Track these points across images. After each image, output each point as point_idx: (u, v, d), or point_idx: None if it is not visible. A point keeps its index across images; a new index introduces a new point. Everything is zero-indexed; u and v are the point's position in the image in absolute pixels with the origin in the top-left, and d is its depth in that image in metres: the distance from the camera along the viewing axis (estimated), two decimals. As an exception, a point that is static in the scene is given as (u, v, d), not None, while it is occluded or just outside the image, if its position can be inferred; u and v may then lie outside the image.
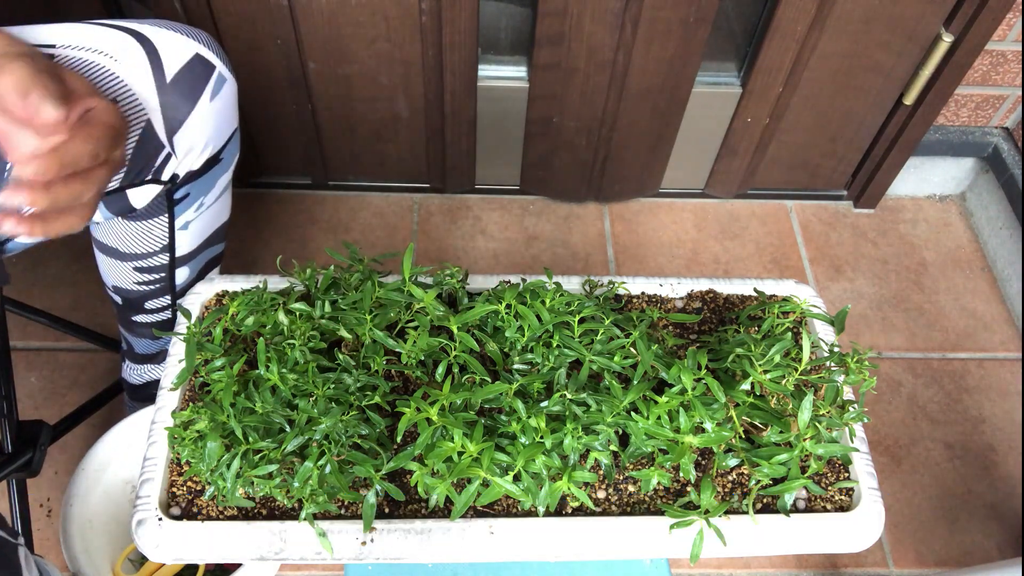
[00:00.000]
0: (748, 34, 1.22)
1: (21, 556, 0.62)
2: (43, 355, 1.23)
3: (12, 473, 0.87)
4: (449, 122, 1.28)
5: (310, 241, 1.39)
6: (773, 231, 1.46)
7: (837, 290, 1.40)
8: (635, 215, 1.46)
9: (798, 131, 1.34)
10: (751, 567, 1.13)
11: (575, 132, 1.29)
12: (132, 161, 0.72)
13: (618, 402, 0.61)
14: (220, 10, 1.09)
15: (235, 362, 0.63)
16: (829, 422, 0.63)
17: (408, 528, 0.62)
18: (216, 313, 0.67)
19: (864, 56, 1.21)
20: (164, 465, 0.64)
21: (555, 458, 0.61)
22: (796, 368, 0.64)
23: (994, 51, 1.26)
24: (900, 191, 1.53)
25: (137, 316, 0.97)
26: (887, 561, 1.14)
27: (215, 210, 0.88)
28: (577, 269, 1.38)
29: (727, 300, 0.78)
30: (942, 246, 1.47)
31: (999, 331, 1.36)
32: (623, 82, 1.20)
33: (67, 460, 1.13)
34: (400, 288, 0.67)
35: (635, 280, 0.78)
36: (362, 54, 1.16)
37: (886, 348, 1.33)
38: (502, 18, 1.22)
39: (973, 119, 1.40)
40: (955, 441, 1.24)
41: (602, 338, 0.66)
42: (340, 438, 0.60)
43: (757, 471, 0.63)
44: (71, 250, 1.32)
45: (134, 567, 0.96)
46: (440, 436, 0.60)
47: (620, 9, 1.09)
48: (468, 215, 1.44)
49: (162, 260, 0.88)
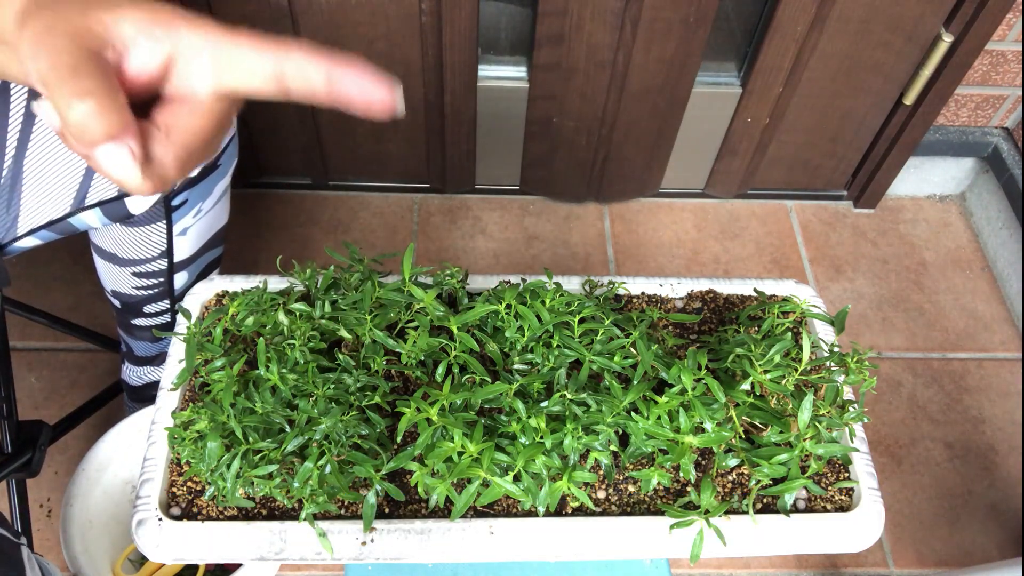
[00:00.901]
0: (748, 34, 1.22)
1: (24, 555, 0.62)
2: (43, 355, 1.23)
3: (12, 473, 0.87)
4: (449, 122, 1.28)
5: (310, 241, 1.39)
6: (773, 231, 1.46)
7: (837, 290, 1.40)
8: (635, 215, 1.46)
9: (798, 131, 1.34)
10: (751, 567, 1.13)
11: (575, 132, 1.29)
12: None
13: (618, 402, 0.61)
14: (220, 10, 1.09)
15: (235, 362, 0.63)
16: (829, 422, 0.63)
17: (408, 528, 0.62)
18: (216, 313, 0.67)
19: (864, 56, 1.21)
20: (164, 465, 0.64)
21: (555, 458, 0.61)
22: (796, 368, 0.64)
23: (994, 51, 1.26)
24: (900, 191, 1.53)
25: (136, 320, 0.97)
26: (887, 561, 1.14)
27: (213, 215, 0.88)
28: (577, 269, 1.38)
29: (727, 300, 0.78)
30: (942, 246, 1.47)
31: (999, 331, 1.36)
32: (623, 82, 1.20)
33: (67, 460, 1.13)
34: (400, 288, 0.66)
35: (635, 280, 0.78)
36: (362, 54, 1.16)
37: (886, 348, 1.33)
38: (502, 18, 1.22)
39: (973, 119, 1.40)
40: (955, 441, 1.24)
41: (602, 338, 0.66)
42: (340, 438, 0.60)
43: (757, 471, 0.63)
44: (71, 250, 1.32)
45: (134, 567, 0.96)
46: (440, 436, 0.60)
47: (620, 9, 1.09)
48: (468, 215, 1.44)
49: (160, 265, 0.88)
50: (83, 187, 0.71)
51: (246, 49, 0.39)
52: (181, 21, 0.40)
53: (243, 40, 0.40)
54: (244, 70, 0.40)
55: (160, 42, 0.39)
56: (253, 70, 0.40)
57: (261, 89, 0.40)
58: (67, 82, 0.36)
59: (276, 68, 0.39)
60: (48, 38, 0.37)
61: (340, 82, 0.39)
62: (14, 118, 0.66)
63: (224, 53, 0.40)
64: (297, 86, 0.39)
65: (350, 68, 0.39)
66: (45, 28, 0.38)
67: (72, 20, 0.38)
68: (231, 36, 0.40)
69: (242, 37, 0.40)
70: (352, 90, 0.39)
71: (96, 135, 0.36)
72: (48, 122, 0.37)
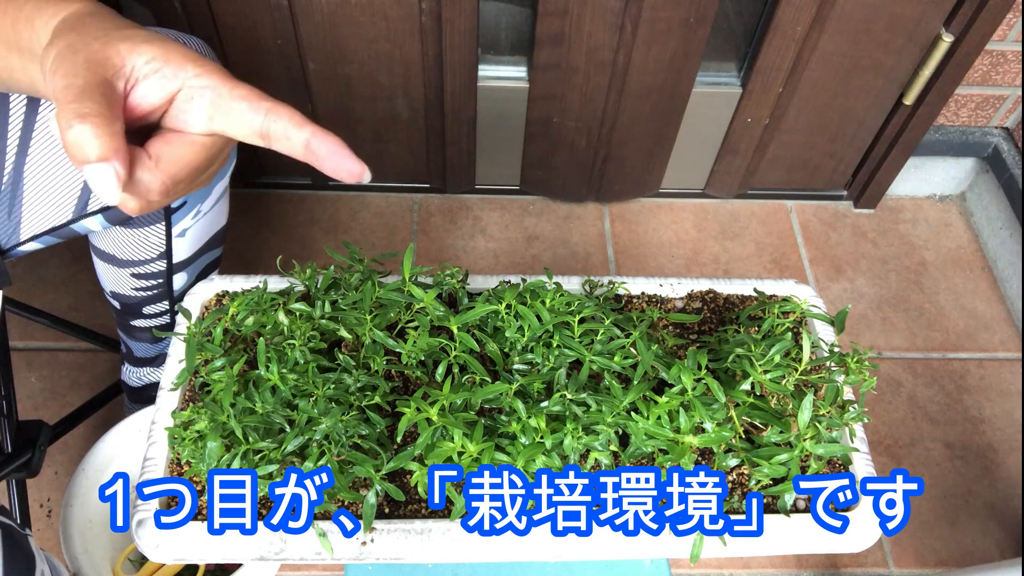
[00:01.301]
0: (748, 34, 1.22)
1: (33, 546, 0.63)
2: (43, 355, 1.23)
3: (12, 473, 0.87)
4: (449, 122, 1.28)
5: (310, 241, 1.39)
6: (773, 231, 1.46)
7: (837, 290, 1.40)
8: (635, 215, 1.46)
9: (798, 131, 1.34)
10: (751, 567, 1.13)
11: (575, 132, 1.29)
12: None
13: (618, 402, 0.61)
14: (220, 10, 1.09)
15: (235, 362, 0.63)
16: (829, 422, 0.63)
17: (408, 528, 0.62)
18: (216, 313, 0.67)
19: (864, 56, 1.21)
20: (164, 465, 0.64)
21: (555, 458, 0.61)
22: (796, 368, 0.64)
23: (994, 51, 1.26)
24: (900, 191, 1.53)
25: (135, 321, 0.97)
26: (887, 561, 1.14)
27: (212, 216, 0.88)
28: (577, 269, 1.38)
29: (727, 300, 0.78)
30: (942, 246, 1.47)
31: (999, 331, 1.36)
32: (623, 82, 1.20)
33: (67, 460, 1.13)
34: (400, 288, 0.66)
35: (635, 280, 0.78)
36: (362, 54, 1.16)
37: (886, 348, 1.33)
38: (502, 18, 1.22)
39: (973, 119, 1.40)
40: (955, 441, 1.24)
41: (602, 338, 0.66)
42: (340, 438, 0.60)
43: (757, 471, 0.63)
44: (71, 251, 1.32)
45: (134, 567, 0.96)
46: (440, 436, 0.60)
47: (620, 9, 1.09)
48: (468, 215, 1.44)
49: (159, 267, 0.88)
50: (85, 193, 0.71)
51: (241, 102, 0.44)
52: (191, 64, 0.44)
53: (241, 93, 0.44)
54: (235, 120, 0.44)
55: (168, 80, 0.43)
56: (243, 121, 0.44)
57: (247, 138, 0.45)
58: (73, 102, 0.39)
59: (263, 126, 0.44)
60: (68, 58, 0.41)
61: (316, 151, 0.44)
62: (13, 125, 0.66)
63: (222, 101, 0.44)
64: (279, 144, 0.44)
65: (327, 140, 0.44)
66: (68, 48, 0.42)
67: (93, 46, 0.42)
68: (231, 86, 0.44)
69: (241, 89, 0.44)
70: (325, 159, 0.44)
71: (87, 155, 0.39)
72: (57, 133, 0.40)
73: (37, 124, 0.67)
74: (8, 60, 0.48)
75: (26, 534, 0.63)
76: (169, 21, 1.10)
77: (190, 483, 0.61)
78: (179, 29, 0.79)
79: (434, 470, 0.58)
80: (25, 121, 0.67)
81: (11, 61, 0.48)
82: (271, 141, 0.44)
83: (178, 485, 0.61)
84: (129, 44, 0.43)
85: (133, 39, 0.43)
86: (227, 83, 0.44)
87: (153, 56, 0.43)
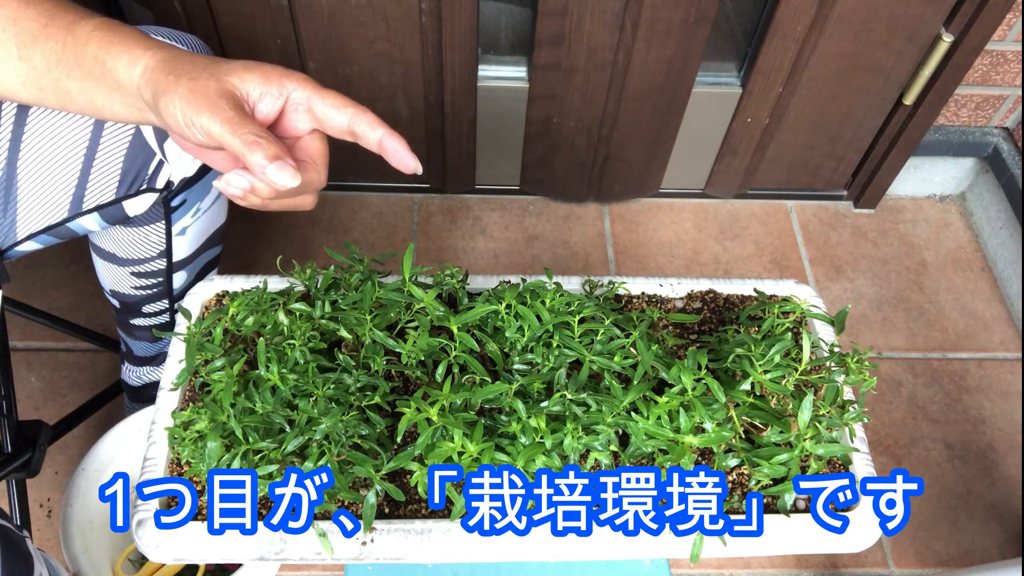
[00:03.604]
0: (748, 34, 1.22)
1: (30, 547, 0.63)
2: (43, 355, 1.23)
3: (11, 473, 0.87)
4: (449, 122, 1.28)
5: (310, 241, 1.39)
6: (773, 231, 1.46)
7: (837, 290, 1.40)
8: (635, 215, 1.46)
9: (798, 131, 1.34)
10: (751, 567, 1.13)
11: (575, 132, 1.29)
12: (124, 170, 0.72)
13: (618, 402, 0.61)
14: (220, 10, 1.09)
15: (235, 362, 0.63)
16: (829, 422, 0.63)
17: (408, 528, 0.62)
18: (216, 313, 0.67)
19: (864, 56, 1.21)
20: (164, 465, 0.64)
21: (555, 458, 0.61)
22: (796, 368, 0.64)
23: (994, 51, 1.26)
24: (900, 191, 1.53)
25: (135, 320, 0.97)
26: (887, 561, 1.14)
27: (212, 214, 0.88)
28: (577, 269, 1.38)
29: (727, 300, 0.78)
30: (942, 246, 1.47)
31: (999, 331, 1.36)
32: (623, 82, 1.20)
33: (67, 460, 1.13)
34: (400, 288, 0.67)
35: (635, 280, 0.78)
36: (362, 54, 1.16)
37: (886, 348, 1.33)
38: (502, 18, 1.22)
39: (973, 119, 1.40)
40: (955, 441, 1.24)
41: (602, 338, 0.66)
42: (340, 438, 0.60)
43: (757, 471, 0.63)
44: (71, 251, 1.32)
45: (134, 567, 0.96)
46: (440, 436, 0.60)
47: (620, 9, 1.09)
48: (468, 215, 1.44)
49: (159, 265, 0.88)
50: (79, 191, 0.71)
51: (331, 108, 0.54)
52: (287, 79, 0.53)
53: (330, 100, 0.54)
54: (329, 121, 0.55)
55: (276, 98, 0.53)
56: (335, 122, 0.55)
57: (340, 135, 0.56)
58: (239, 130, 0.49)
59: (349, 125, 0.55)
60: (202, 98, 0.49)
61: (386, 147, 0.55)
62: (5, 122, 0.66)
63: (316, 107, 0.54)
64: (363, 141, 0.55)
65: (393, 140, 0.55)
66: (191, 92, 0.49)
67: (211, 84, 0.50)
68: (323, 95, 0.54)
69: (331, 97, 0.54)
70: (392, 155, 0.56)
71: (264, 161, 0.48)
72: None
73: (29, 121, 0.67)
74: (64, 83, 0.55)
75: (24, 536, 0.63)
76: (169, 21, 1.10)
77: (190, 483, 0.61)
78: (179, 29, 0.79)
79: (434, 470, 0.58)
80: (16, 118, 0.67)
81: (67, 85, 0.55)
82: (358, 138, 0.55)
83: (178, 485, 0.61)
84: (236, 76, 0.51)
85: (233, 71, 0.51)
86: (319, 92, 0.53)
87: (257, 80, 0.52)
